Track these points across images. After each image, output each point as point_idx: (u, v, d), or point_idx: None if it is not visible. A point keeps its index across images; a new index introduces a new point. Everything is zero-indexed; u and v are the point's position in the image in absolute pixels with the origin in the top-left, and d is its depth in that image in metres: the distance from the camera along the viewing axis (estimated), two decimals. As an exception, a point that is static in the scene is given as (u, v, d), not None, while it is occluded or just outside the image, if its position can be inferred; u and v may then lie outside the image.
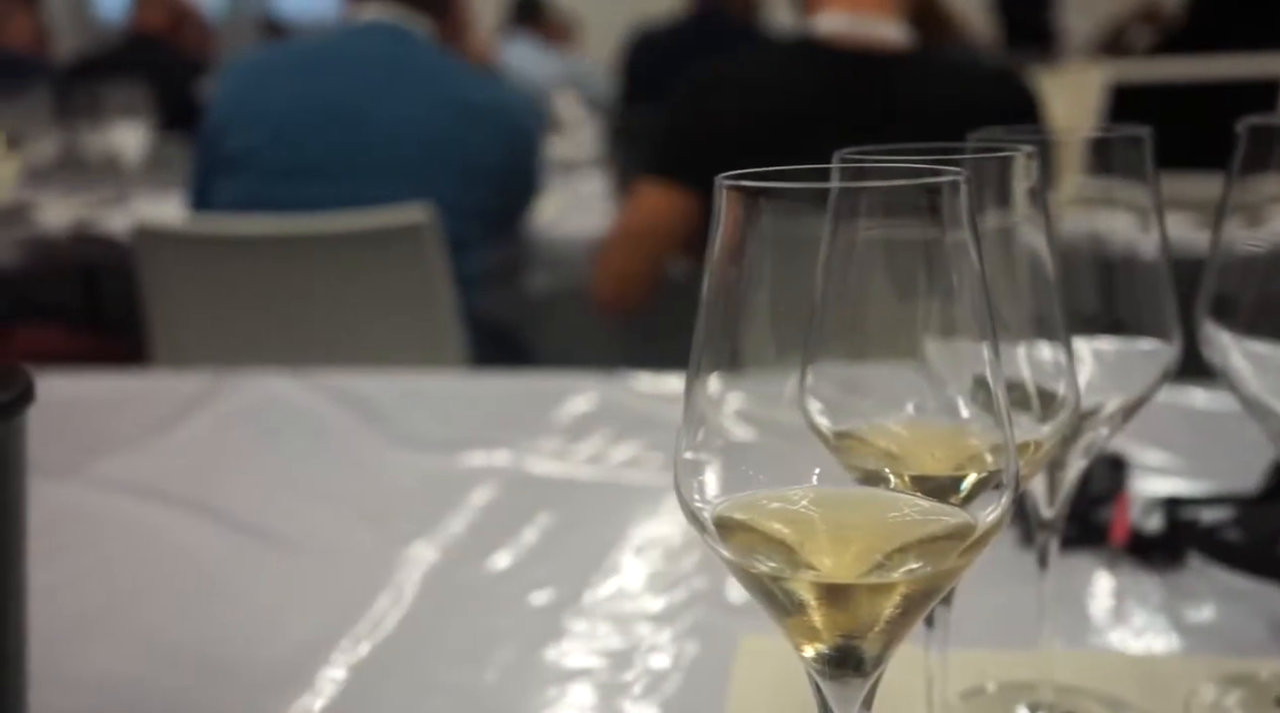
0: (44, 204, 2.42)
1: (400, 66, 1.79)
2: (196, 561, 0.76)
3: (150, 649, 0.64)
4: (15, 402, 0.49)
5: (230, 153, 1.79)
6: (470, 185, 1.79)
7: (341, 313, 1.74)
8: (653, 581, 0.72)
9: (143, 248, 1.72)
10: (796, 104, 1.57)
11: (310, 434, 1.01)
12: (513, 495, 0.86)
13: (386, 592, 0.70)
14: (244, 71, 1.87)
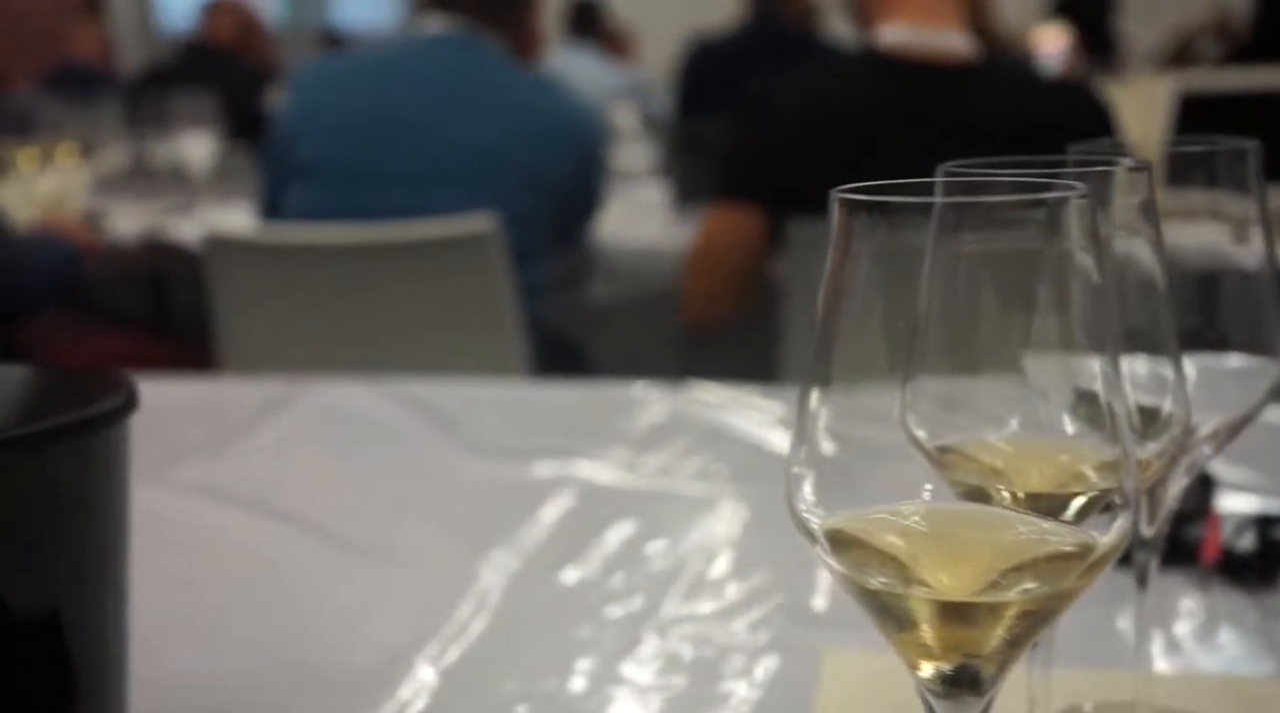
0: (114, 212, 2.47)
1: (468, 78, 1.81)
2: (279, 565, 0.76)
3: (238, 652, 0.64)
4: (121, 409, 0.49)
5: (299, 162, 1.81)
6: (535, 196, 1.80)
7: (406, 321, 1.75)
8: (730, 594, 0.71)
9: (213, 256, 1.75)
10: (862, 117, 1.57)
11: (383, 442, 1.01)
12: (587, 506, 0.86)
13: (467, 600, 0.70)
14: (313, 82, 1.90)
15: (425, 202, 1.74)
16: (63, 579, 0.48)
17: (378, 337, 1.76)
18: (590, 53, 4.63)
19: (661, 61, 7.03)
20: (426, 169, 1.77)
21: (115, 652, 0.51)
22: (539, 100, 1.84)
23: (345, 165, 1.79)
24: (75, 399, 0.50)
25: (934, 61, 1.57)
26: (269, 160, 1.91)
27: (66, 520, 0.48)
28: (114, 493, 0.50)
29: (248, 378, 1.36)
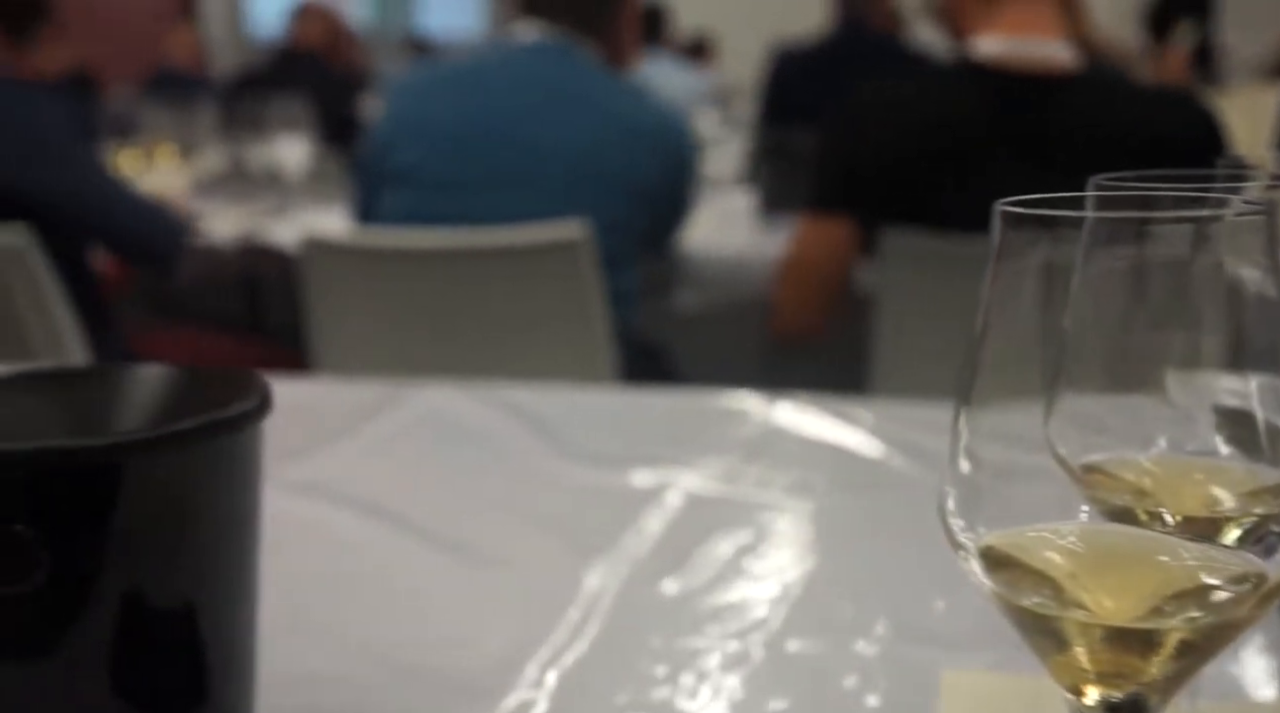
0: (211, 214, 2.52)
1: (561, 86, 1.82)
2: (389, 567, 0.77)
3: (352, 652, 0.65)
4: (257, 410, 0.50)
5: (395, 167, 1.84)
6: (626, 203, 1.81)
7: (497, 327, 1.77)
8: (839, 609, 0.71)
9: (310, 259, 1.78)
10: (959, 129, 1.55)
11: (483, 446, 1.02)
12: (688, 515, 0.86)
13: (575, 607, 0.70)
14: (409, 89, 1.92)
15: (517, 208, 1.75)
16: (198, 575, 0.49)
17: (468, 342, 1.78)
18: (666, 59, 4.63)
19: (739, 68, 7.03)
20: (519, 175, 1.78)
21: (245, 649, 0.52)
22: (631, 107, 1.85)
23: (439, 171, 1.81)
24: (212, 400, 0.50)
25: (1034, 72, 1.55)
26: (365, 165, 1.94)
27: (203, 518, 0.49)
28: (247, 492, 0.51)
29: (345, 380, 1.38)
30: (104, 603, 0.47)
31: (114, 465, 0.46)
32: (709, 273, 2.25)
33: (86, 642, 0.47)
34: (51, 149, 1.83)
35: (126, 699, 0.48)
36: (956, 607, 0.69)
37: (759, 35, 7.56)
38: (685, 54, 4.87)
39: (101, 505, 0.46)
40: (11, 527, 0.45)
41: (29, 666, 0.47)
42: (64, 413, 0.52)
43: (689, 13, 6.19)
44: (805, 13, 7.07)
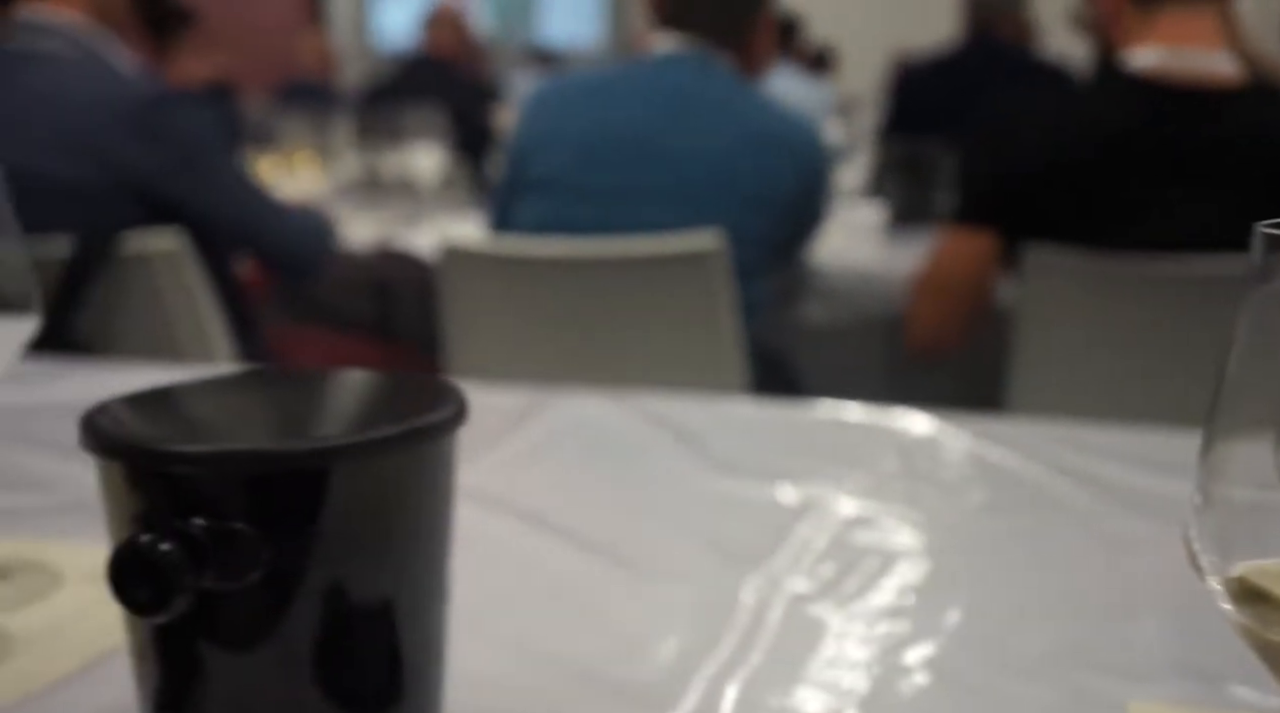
0: (346, 220, 2.59)
1: (698, 97, 1.83)
2: (550, 573, 0.78)
3: (526, 657, 0.66)
4: (455, 417, 0.51)
5: (532, 176, 1.87)
6: (759, 214, 1.81)
7: (629, 335, 1.78)
8: (1013, 639, 0.69)
9: (447, 265, 1.81)
10: (1114, 144, 1.51)
11: (632, 456, 1.03)
12: (841, 532, 0.85)
13: (736, 620, 0.71)
14: (547, 98, 1.95)
15: (652, 218, 1.77)
16: (397, 576, 0.51)
17: (600, 350, 1.79)
18: (791, 70, 4.61)
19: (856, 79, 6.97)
20: (654, 185, 1.79)
21: (437, 650, 0.53)
22: (766, 118, 1.85)
23: (575, 181, 1.83)
24: (410, 406, 0.52)
25: (1196, 84, 1.50)
26: (503, 173, 1.97)
27: (403, 521, 0.50)
28: (444, 498, 0.52)
29: (487, 387, 1.40)
30: (310, 600, 0.49)
31: (324, 469, 0.48)
32: (835, 286, 2.24)
33: (292, 636, 0.49)
34: (203, 158, 1.89)
35: (327, 693, 0.50)
36: (1135, 636, 0.67)
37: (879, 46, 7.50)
38: (808, 65, 4.85)
39: (310, 506, 0.48)
40: (234, 525, 0.46)
41: (241, 657, 0.49)
42: (270, 415, 0.54)
43: (809, 23, 6.16)
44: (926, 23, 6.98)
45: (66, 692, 0.63)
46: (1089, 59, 3.89)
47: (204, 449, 0.47)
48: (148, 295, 1.89)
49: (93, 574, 0.78)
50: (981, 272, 1.64)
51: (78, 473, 0.99)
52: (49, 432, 1.08)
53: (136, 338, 1.90)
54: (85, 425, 0.50)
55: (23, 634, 0.69)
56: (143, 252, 1.86)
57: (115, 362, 1.47)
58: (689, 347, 1.77)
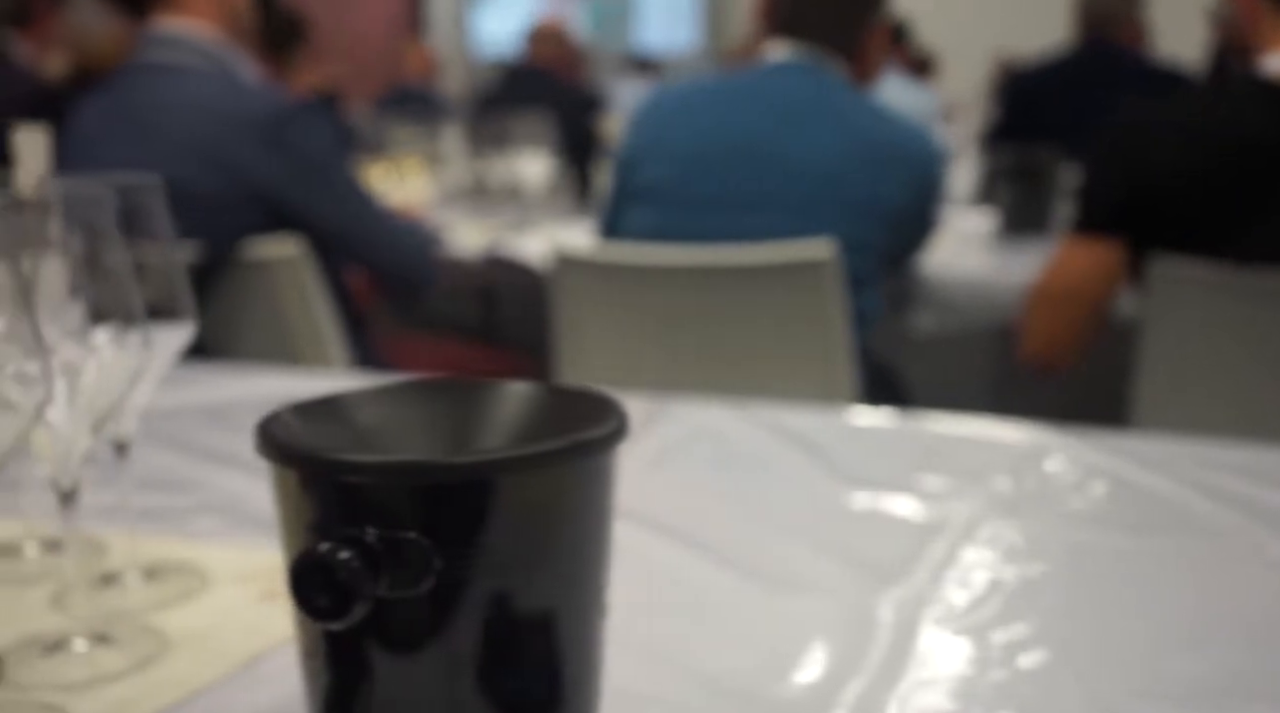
0: (454, 227, 2.63)
1: (809, 104, 1.82)
2: (689, 585, 0.78)
3: (669, 670, 0.66)
4: (617, 432, 0.52)
5: (641, 184, 1.87)
6: (871, 223, 1.79)
7: (739, 344, 1.77)
8: (1165, 664, 0.68)
9: (559, 272, 1.83)
10: (1246, 151, 1.46)
11: (757, 468, 1.03)
12: (979, 550, 0.84)
13: (877, 639, 0.70)
14: (657, 106, 1.95)
15: (763, 226, 1.76)
16: (558, 588, 0.51)
17: (709, 358, 1.79)
18: (895, 75, 4.56)
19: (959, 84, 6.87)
20: (765, 194, 1.79)
21: (595, 662, 0.54)
22: (880, 126, 1.83)
23: (685, 188, 1.83)
24: (571, 419, 0.52)
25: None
26: (612, 181, 1.98)
27: (564, 533, 0.51)
28: (604, 511, 0.53)
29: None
30: (474, 609, 0.49)
31: (492, 481, 0.48)
32: (944, 295, 2.21)
33: (458, 643, 0.49)
34: (323, 170, 1.93)
35: (490, 699, 0.50)
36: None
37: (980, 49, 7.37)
38: (912, 69, 4.79)
39: (477, 517, 0.48)
40: (406, 534, 0.47)
41: (407, 661, 0.50)
42: (434, 426, 0.55)
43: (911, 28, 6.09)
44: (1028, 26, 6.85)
45: (225, 692, 0.65)
46: (1203, 62, 3.78)
47: (379, 459, 0.48)
48: (267, 300, 1.93)
49: (239, 576, 0.80)
50: (1102, 283, 1.60)
51: (213, 475, 1.02)
52: (184, 433, 1.12)
53: (255, 342, 1.95)
54: (261, 433, 0.51)
55: (178, 635, 0.71)
56: (263, 258, 1.90)
57: (239, 365, 1.51)
58: (799, 356, 1.75)
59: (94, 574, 0.74)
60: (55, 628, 0.70)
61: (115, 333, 0.70)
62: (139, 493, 0.92)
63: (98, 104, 1.96)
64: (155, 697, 0.64)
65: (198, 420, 1.16)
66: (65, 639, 0.68)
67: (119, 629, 0.70)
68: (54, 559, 0.81)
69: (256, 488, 0.98)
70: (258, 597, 0.77)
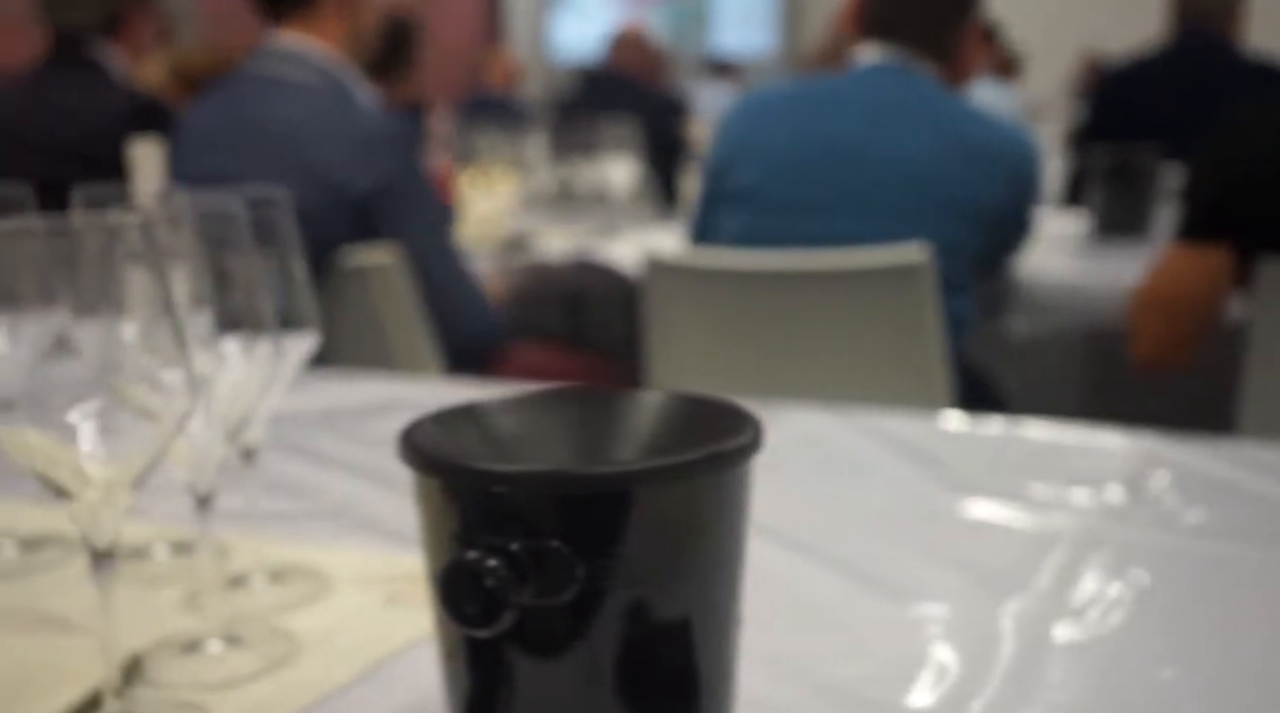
0: (541, 233, 2.65)
1: (902, 107, 1.80)
2: (806, 593, 0.78)
3: (793, 680, 0.66)
4: (752, 444, 0.52)
5: (732, 188, 1.87)
6: (967, 225, 1.77)
7: (832, 348, 1.76)
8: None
9: (651, 277, 1.83)
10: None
11: (865, 473, 1.02)
12: (1096, 558, 0.83)
13: (1000, 651, 0.69)
14: (749, 110, 1.95)
15: (856, 230, 1.75)
16: (694, 597, 0.51)
17: (804, 364, 1.78)
18: (980, 76, 4.51)
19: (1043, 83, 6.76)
20: (858, 197, 1.78)
21: (730, 670, 0.54)
22: (976, 126, 1.81)
23: (775, 191, 1.83)
24: (707, 430, 0.53)
25: None
26: (703, 185, 1.98)
27: (700, 544, 0.51)
28: (739, 522, 0.53)
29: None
30: (613, 617, 0.50)
31: (632, 491, 0.49)
32: (1038, 298, 2.18)
33: (597, 650, 0.50)
34: (417, 199, 1.94)
35: (628, 707, 0.51)
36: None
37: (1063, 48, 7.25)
38: (997, 69, 4.73)
39: (617, 527, 0.49)
40: (551, 544, 0.48)
41: (547, 667, 0.50)
42: (571, 435, 0.56)
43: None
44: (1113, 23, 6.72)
45: (357, 695, 0.66)
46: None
47: (525, 469, 0.49)
48: (363, 307, 1.96)
49: (359, 579, 0.81)
50: (1212, 290, 1.57)
51: (325, 480, 1.04)
52: (294, 439, 1.14)
53: (351, 347, 1.98)
54: (404, 442, 0.52)
55: (306, 637, 0.72)
56: (359, 265, 1.93)
57: (339, 371, 1.53)
58: (892, 361, 1.74)
59: (223, 577, 0.75)
60: (189, 629, 0.72)
61: (245, 342, 0.72)
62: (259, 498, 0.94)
63: (208, 113, 2.00)
64: (290, 699, 0.65)
65: (306, 426, 1.18)
66: (200, 640, 0.70)
67: (250, 631, 0.72)
68: (183, 561, 0.83)
69: (368, 492, 1.00)
70: (381, 600, 0.78)
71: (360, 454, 1.11)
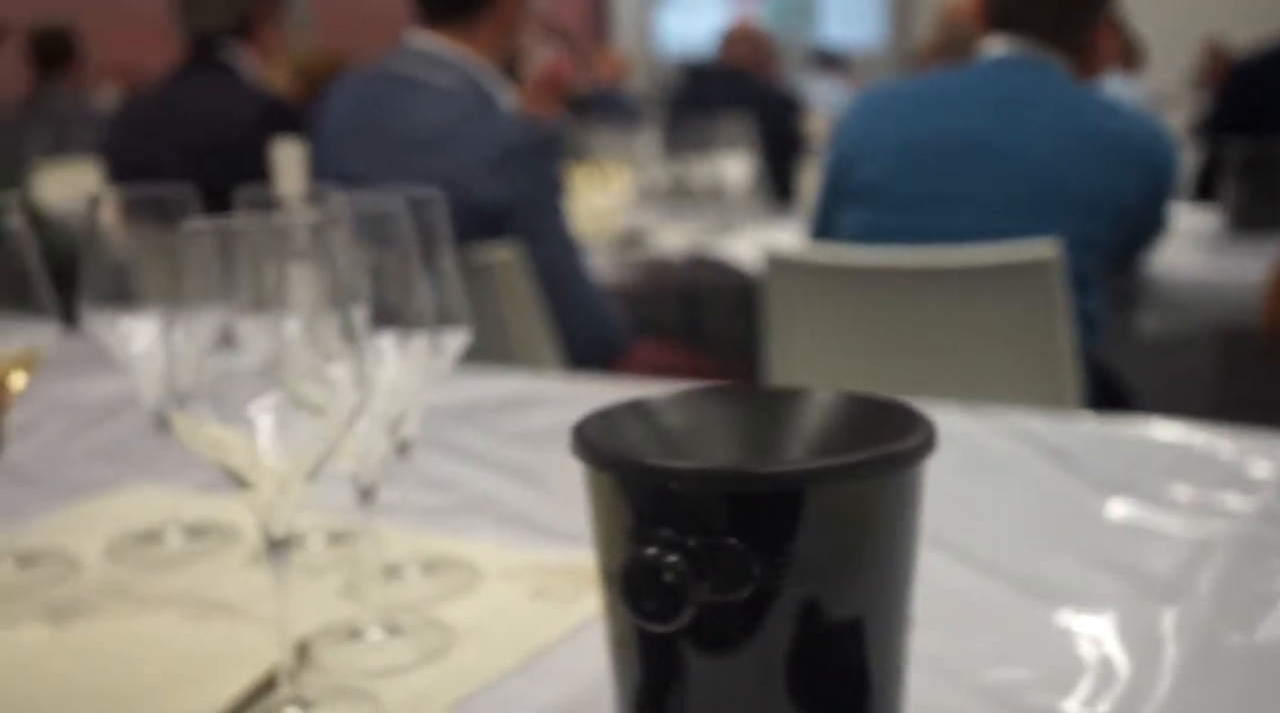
0: (656, 229, 2.66)
1: (1031, 100, 1.77)
2: (961, 595, 0.77)
3: (956, 685, 0.66)
4: (926, 445, 0.52)
5: (855, 184, 1.85)
6: (1099, 221, 1.73)
7: (957, 347, 1.74)
8: None
9: (770, 274, 1.83)
10: None
11: (1008, 473, 1.01)
12: (1253, 563, 0.80)
13: (1166, 657, 0.68)
14: (872, 105, 1.93)
15: (981, 224, 1.72)
16: (866, 599, 0.51)
17: (926, 362, 1.76)
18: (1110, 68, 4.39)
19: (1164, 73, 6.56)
20: (984, 191, 1.75)
21: (900, 672, 0.54)
22: (1109, 119, 1.77)
23: (900, 187, 1.81)
24: (878, 430, 0.53)
25: None
26: (824, 182, 1.97)
27: (876, 543, 0.51)
28: (912, 524, 0.53)
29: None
30: (786, 615, 0.50)
31: (806, 490, 0.49)
32: (1169, 295, 2.12)
33: (769, 648, 0.50)
34: (549, 209, 1.94)
35: (798, 704, 0.51)
36: None
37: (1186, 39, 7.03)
38: (1121, 62, 4.60)
39: (790, 526, 0.49)
40: (728, 540, 0.48)
41: (719, 663, 0.51)
42: (739, 432, 0.56)
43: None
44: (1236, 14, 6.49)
45: (513, 687, 0.67)
46: None
47: (701, 466, 0.49)
48: (485, 304, 1.99)
49: (507, 573, 0.83)
50: None
51: (467, 474, 1.06)
52: (438, 433, 1.16)
53: (476, 344, 2.00)
54: (578, 437, 0.53)
55: (460, 628, 0.74)
56: (481, 262, 1.96)
57: (468, 366, 1.56)
58: (1020, 360, 1.71)
59: (379, 568, 0.77)
60: (349, 617, 0.74)
61: (401, 339, 0.73)
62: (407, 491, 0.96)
63: (342, 111, 2.04)
64: (450, 688, 0.66)
65: (445, 420, 1.20)
66: (361, 628, 0.72)
67: (407, 621, 0.73)
68: (339, 551, 0.85)
69: (509, 487, 1.02)
70: (527, 594, 0.79)
71: (498, 448, 1.12)
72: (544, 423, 1.22)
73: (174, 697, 0.62)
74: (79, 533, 0.89)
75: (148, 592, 0.79)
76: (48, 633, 0.70)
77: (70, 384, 1.31)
